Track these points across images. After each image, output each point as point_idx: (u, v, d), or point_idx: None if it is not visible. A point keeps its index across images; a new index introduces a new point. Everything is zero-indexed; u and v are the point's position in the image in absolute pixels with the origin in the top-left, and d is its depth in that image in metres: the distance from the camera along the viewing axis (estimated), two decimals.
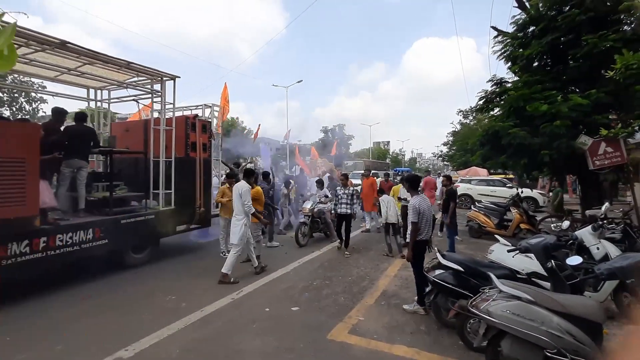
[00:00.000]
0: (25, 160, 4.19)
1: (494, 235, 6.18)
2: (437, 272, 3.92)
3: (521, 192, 10.08)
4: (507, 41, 9.31)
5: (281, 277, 5.60)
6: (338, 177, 9.69)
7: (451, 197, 7.10)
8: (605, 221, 5.31)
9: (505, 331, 2.69)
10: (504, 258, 4.27)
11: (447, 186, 7.50)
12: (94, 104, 7.68)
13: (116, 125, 8.21)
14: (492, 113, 10.47)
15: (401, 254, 6.85)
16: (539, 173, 10.58)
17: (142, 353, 3.26)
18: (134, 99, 7.33)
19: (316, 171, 15.64)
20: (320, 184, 9.17)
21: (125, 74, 6.51)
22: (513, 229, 8.33)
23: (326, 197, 8.70)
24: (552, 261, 3.41)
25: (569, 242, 4.39)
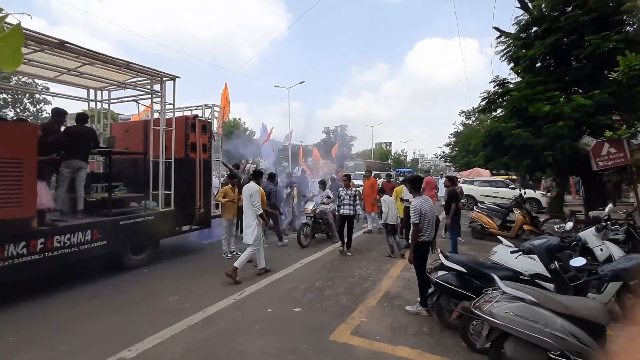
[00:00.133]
0: (23, 161, 4.14)
1: (497, 236, 6.16)
2: (439, 273, 3.92)
3: (524, 193, 10.07)
4: (510, 42, 9.28)
5: (283, 278, 5.60)
6: (340, 177, 9.70)
7: (452, 198, 7.10)
8: (609, 222, 5.30)
9: (508, 333, 2.69)
10: (507, 259, 4.26)
11: (449, 187, 7.53)
12: (95, 105, 7.65)
13: (116, 125, 8.18)
14: (494, 114, 10.43)
15: (400, 253, 6.87)
16: (542, 174, 10.52)
17: (145, 353, 3.27)
18: (134, 100, 7.32)
19: (318, 172, 15.68)
20: (323, 184, 9.18)
21: (125, 75, 6.50)
22: (516, 230, 8.30)
23: (328, 198, 8.71)
24: (556, 262, 3.40)
25: (572, 244, 4.38)
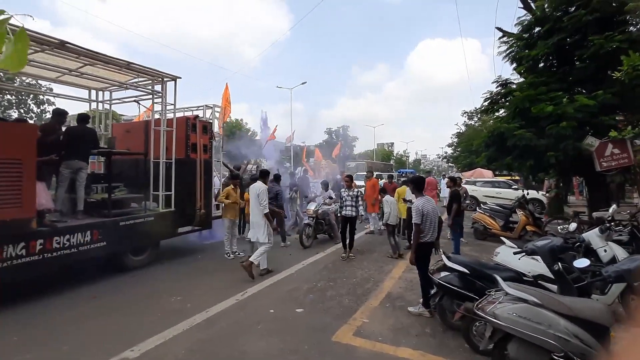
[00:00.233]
0: (22, 161, 4.12)
1: (500, 237, 6.14)
2: (442, 274, 3.91)
3: (527, 194, 10.01)
4: (513, 42, 9.27)
5: (285, 279, 5.61)
6: (342, 178, 9.70)
7: (454, 199, 7.12)
8: (613, 223, 5.26)
9: (511, 334, 2.68)
10: (510, 260, 4.24)
11: (451, 188, 7.55)
12: (97, 105, 7.63)
13: (117, 126, 8.16)
14: (497, 114, 10.40)
15: (396, 254, 6.92)
16: (545, 175, 10.46)
17: (148, 353, 3.27)
18: (135, 100, 7.31)
19: (320, 173, 15.67)
20: (325, 185, 9.18)
21: (126, 75, 6.48)
22: (519, 231, 8.27)
23: (330, 199, 8.71)
24: (559, 263, 3.38)
25: (576, 245, 4.37)
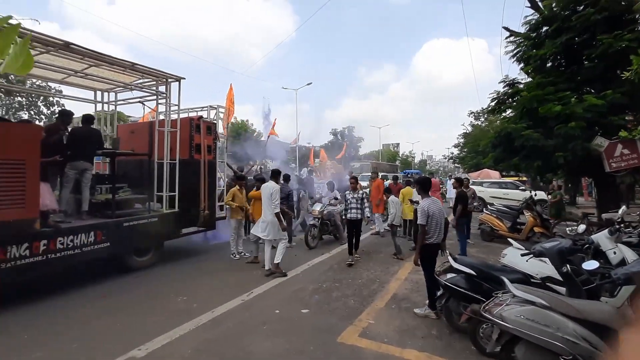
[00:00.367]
0: (25, 162, 4.13)
1: (507, 238, 6.08)
2: (448, 275, 3.88)
3: (535, 195, 9.91)
4: (520, 41, 9.18)
5: (291, 279, 5.61)
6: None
7: (459, 200, 7.13)
8: (622, 225, 5.18)
9: (519, 337, 2.65)
10: (518, 262, 4.20)
11: (457, 189, 7.53)
12: (102, 107, 7.66)
13: (122, 127, 8.17)
14: (504, 114, 10.32)
15: (398, 257, 6.95)
16: (553, 175, 10.36)
17: (155, 353, 3.30)
18: (139, 101, 7.33)
19: (325, 173, 15.68)
20: (331, 186, 9.18)
21: (131, 76, 6.50)
22: (526, 232, 8.19)
23: (336, 199, 8.71)
24: (568, 265, 3.34)
25: (584, 246, 4.30)
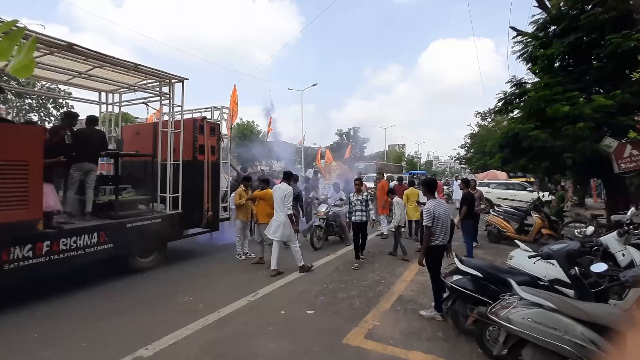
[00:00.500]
0: (28, 163, 4.13)
1: (514, 240, 6.03)
2: (454, 277, 3.86)
3: (542, 196, 9.82)
4: (527, 41, 9.09)
5: (296, 280, 5.63)
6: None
7: (463, 201, 7.11)
8: (632, 226, 5.10)
9: (526, 339, 2.63)
10: (525, 264, 4.16)
11: (464, 190, 7.50)
12: (106, 108, 7.67)
13: (127, 128, 8.20)
14: (511, 115, 10.23)
15: (396, 255, 6.96)
16: (561, 177, 10.24)
17: (162, 352, 3.33)
18: (143, 102, 7.35)
19: (331, 174, 15.67)
20: (337, 187, 9.19)
21: (135, 77, 6.48)
22: (534, 234, 8.12)
23: (341, 200, 8.70)
24: (576, 268, 3.30)
25: (593, 249, 4.24)
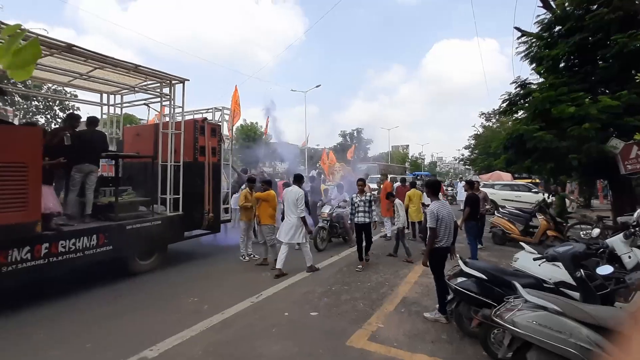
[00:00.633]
0: (27, 165, 4.09)
1: (519, 242, 6.00)
2: (459, 279, 3.84)
3: (548, 198, 9.75)
4: (532, 41, 9.05)
5: (300, 282, 5.63)
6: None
7: (466, 202, 7.11)
8: (638, 228, 5.05)
9: (531, 342, 2.61)
10: (530, 266, 4.13)
11: (468, 191, 7.49)
12: (108, 109, 7.67)
13: (128, 129, 8.20)
14: (516, 116, 10.18)
15: (407, 259, 6.94)
16: (566, 178, 10.17)
17: (166, 353, 3.35)
18: (145, 103, 7.35)
19: (334, 176, 15.65)
20: (340, 188, 9.20)
21: (136, 78, 6.47)
22: (539, 236, 8.06)
23: (345, 202, 8.70)
24: (582, 270, 3.28)
25: (599, 251, 4.20)
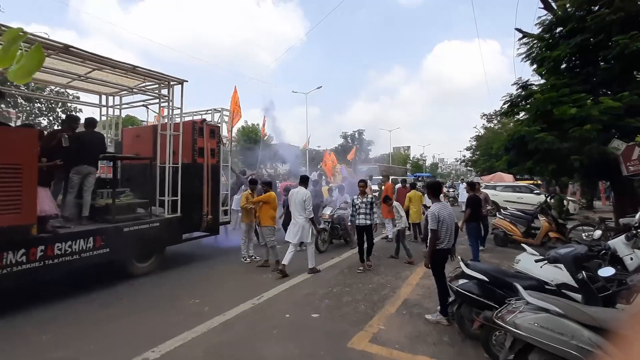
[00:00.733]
0: (22, 166, 4.05)
1: (521, 244, 5.99)
2: (460, 281, 3.84)
3: (549, 199, 9.72)
4: (533, 43, 9.05)
5: (301, 283, 5.63)
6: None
7: (467, 204, 7.12)
8: None
9: (533, 345, 2.61)
10: (532, 268, 4.12)
11: (469, 193, 7.48)
12: (107, 110, 7.62)
13: (127, 131, 8.15)
14: (517, 117, 10.18)
15: (409, 260, 6.95)
16: (568, 179, 10.15)
17: (168, 355, 3.35)
18: (143, 105, 7.31)
19: (335, 177, 15.64)
20: (341, 189, 9.20)
21: (134, 79, 6.44)
22: (541, 237, 8.03)
23: (346, 203, 8.70)
24: (583, 272, 3.27)
25: (601, 252, 4.19)
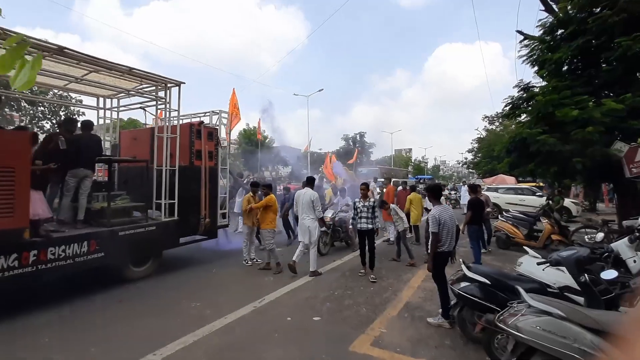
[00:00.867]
0: (15, 170, 4.00)
1: (523, 246, 5.96)
2: (462, 284, 3.82)
3: (551, 201, 9.68)
4: (535, 45, 9.04)
5: (302, 286, 5.62)
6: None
7: (469, 206, 7.10)
8: None
9: (535, 348, 2.59)
10: (534, 271, 4.11)
11: (471, 196, 7.46)
12: (106, 113, 7.61)
13: (125, 133, 8.12)
14: (519, 119, 10.16)
15: (410, 262, 6.96)
16: (570, 181, 10.12)
17: (169, 358, 3.35)
18: (141, 107, 7.29)
19: (336, 179, 15.60)
20: (343, 192, 9.19)
21: (132, 82, 6.39)
22: (543, 240, 7.99)
23: (347, 206, 8.69)
24: (586, 275, 3.25)
25: (603, 255, 4.17)
